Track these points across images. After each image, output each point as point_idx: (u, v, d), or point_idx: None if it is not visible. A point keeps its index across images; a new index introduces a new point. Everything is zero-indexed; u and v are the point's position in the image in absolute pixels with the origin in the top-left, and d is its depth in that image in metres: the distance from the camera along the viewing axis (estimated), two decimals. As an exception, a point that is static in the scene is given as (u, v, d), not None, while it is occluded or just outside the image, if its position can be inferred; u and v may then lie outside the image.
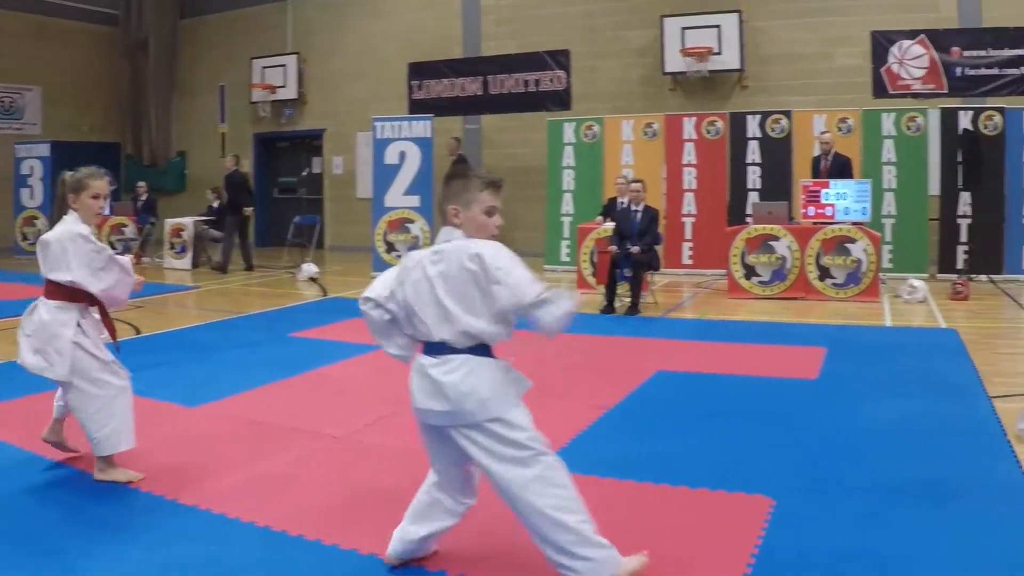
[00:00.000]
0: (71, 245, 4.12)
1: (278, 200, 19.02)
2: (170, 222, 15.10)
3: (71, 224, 4.17)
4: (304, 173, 18.06)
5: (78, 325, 4.15)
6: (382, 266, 13.37)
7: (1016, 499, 3.95)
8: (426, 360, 3.06)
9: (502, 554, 3.38)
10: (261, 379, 6.32)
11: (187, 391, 5.95)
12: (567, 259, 13.91)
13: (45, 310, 4.16)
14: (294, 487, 4.17)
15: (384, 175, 13.59)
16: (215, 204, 15.25)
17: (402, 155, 13.54)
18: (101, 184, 4.29)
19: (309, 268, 12.94)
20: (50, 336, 4.11)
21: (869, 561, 3.27)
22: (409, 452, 4.60)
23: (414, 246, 13.35)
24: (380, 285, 3.21)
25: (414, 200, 13.44)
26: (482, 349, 3.04)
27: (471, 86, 16.43)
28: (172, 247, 14.91)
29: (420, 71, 16.65)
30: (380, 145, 13.65)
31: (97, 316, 4.31)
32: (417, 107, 16.31)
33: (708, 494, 4.03)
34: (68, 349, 4.10)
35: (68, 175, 4.28)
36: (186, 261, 14.62)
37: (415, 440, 4.62)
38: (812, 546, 3.41)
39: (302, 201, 17.51)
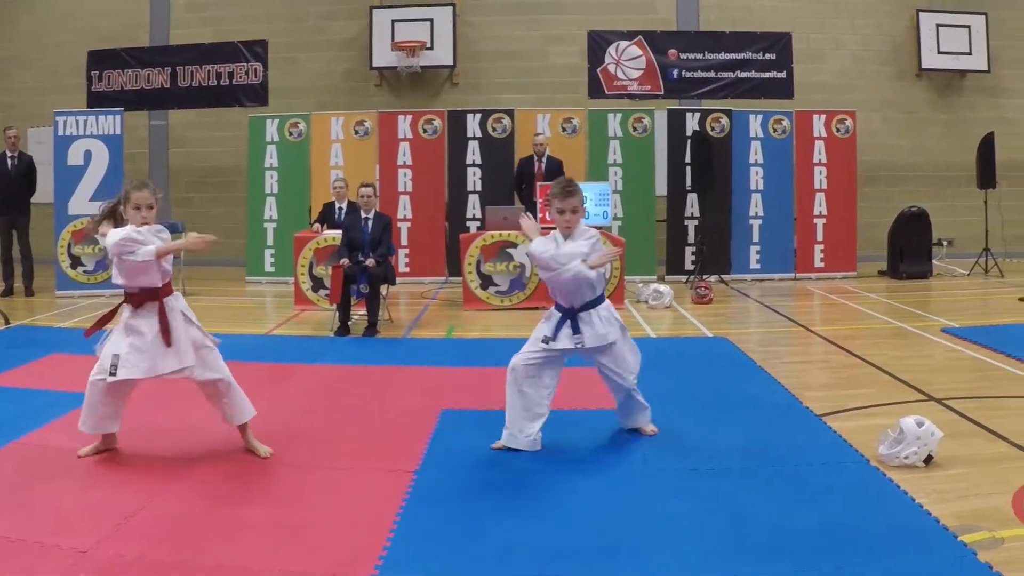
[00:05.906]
0: None
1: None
2: None
3: None
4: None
5: None
6: (67, 284, 11.14)
7: (930, 544, 3.42)
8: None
9: None
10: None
11: None
12: (272, 270, 12.44)
13: None
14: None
15: (67, 178, 11.36)
16: None
17: (87, 155, 11.42)
18: None
19: (-20, 289, 10.42)
20: None
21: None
22: (190, 569, 3.22)
23: (101, 260, 11.21)
24: None
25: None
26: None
27: (158, 78, 14.47)
28: None
29: (101, 60, 14.45)
30: (62, 143, 11.42)
31: None
32: (97, 100, 14.08)
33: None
34: None
35: None
36: None
37: (187, 551, 3.23)
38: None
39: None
